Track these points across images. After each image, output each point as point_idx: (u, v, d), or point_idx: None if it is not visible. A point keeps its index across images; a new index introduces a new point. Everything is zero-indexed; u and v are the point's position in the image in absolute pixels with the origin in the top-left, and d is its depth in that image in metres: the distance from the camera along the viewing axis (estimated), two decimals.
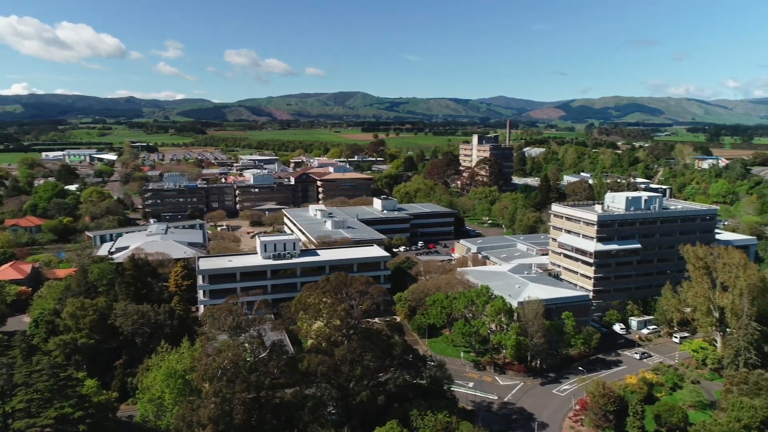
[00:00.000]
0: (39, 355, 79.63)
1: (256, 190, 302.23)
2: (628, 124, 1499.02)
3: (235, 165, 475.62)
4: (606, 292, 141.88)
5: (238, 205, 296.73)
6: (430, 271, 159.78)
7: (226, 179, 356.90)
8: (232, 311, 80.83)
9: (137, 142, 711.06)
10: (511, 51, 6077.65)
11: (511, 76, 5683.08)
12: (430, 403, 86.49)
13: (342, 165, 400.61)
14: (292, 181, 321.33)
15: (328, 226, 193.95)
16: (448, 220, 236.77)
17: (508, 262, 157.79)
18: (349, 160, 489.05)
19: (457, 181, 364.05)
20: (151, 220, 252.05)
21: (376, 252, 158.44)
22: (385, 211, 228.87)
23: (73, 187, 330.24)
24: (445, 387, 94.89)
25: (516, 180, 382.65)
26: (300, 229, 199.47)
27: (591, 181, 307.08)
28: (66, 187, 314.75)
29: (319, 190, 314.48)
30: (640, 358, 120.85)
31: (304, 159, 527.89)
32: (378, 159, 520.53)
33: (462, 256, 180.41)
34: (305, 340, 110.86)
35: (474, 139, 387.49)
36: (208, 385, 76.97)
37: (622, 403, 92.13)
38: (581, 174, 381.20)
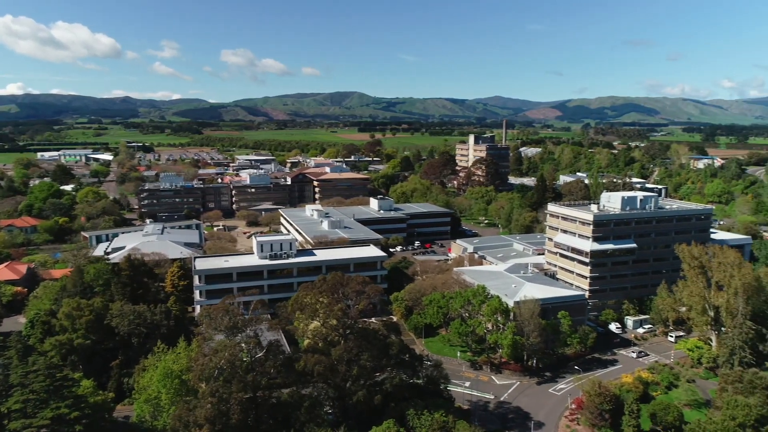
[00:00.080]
0: (35, 355, 79.38)
1: (253, 190, 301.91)
2: (624, 124, 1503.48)
3: (231, 165, 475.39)
4: (602, 291, 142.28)
5: (234, 206, 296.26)
6: (426, 270, 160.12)
7: (222, 179, 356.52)
8: (228, 311, 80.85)
9: (133, 142, 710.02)
10: (507, 51, 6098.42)
11: (507, 76, 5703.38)
12: (427, 403, 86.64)
13: (338, 165, 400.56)
14: (289, 181, 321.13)
15: (325, 226, 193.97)
16: (444, 220, 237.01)
17: (504, 261, 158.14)
18: (345, 160, 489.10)
19: (454, 181, 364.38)
20: (148, 221, 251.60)
21: (373, 252, 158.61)
22: (381, 211, 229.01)
23: (68, 187, 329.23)
24: (442, 386, 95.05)
25: (512, 180, 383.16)
26: (296, 229, 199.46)
27: (587, 180, 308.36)
28: (62, 187, 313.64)
29: (316, 190, 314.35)
30: (636, 357, 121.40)
31: (301, 159, 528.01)
32: (374, 159, 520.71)
33: (458, 255, 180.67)
34: (302, 340, 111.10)
35: (470, 139, 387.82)
36: (205, 385, 77.00)
37: (617, 402, 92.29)
38: (577, 174, 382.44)
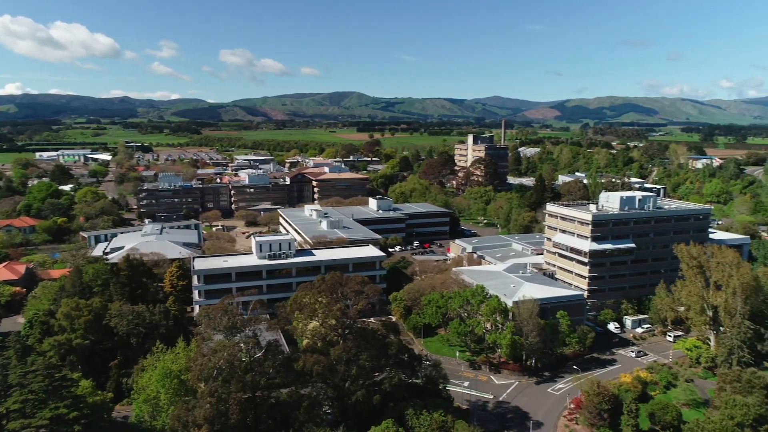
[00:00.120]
0: (33, 355, 79.34)
1: (252, 190, 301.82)
2: (623, 124, 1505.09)
3: (230, 165, 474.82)
4: (600, 291, 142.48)
5: (233, 206, 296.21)
6: (425, 270, 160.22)
7: (221, 179, 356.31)
8: (227, 311, 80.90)
9: (132, 143, 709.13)
10: (506, 51, 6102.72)
11: (506, 77, 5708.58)
12: (426, 403, 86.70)
13: (337, 165, 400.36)
14: (288, 181, 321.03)
15: (324, 226, 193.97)
16: (443, 220, 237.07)
17: (503, 261, 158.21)
18: (344, 160, 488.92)
19: (453, 181, 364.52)
20: (146, 221, 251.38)
21: (372, 252, 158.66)
22: (380, 211, 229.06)
23: (67, 187, 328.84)
24: (441, 386, 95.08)
25: (511, 180, 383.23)
26: (295, 229, 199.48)
27: (586, 180, 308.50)
28: (60, 187, 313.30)
29: (315, 190, 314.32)
30: (635, 356, 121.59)
31: (300, 159, 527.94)
32: (373, 159, 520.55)
33: (457, 255, 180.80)
34: (301, 340, 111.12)
35: (469, 139, 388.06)
36: (204, 385, 77.03)
37: (616, 402, 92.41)
38: (576, 174, 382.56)
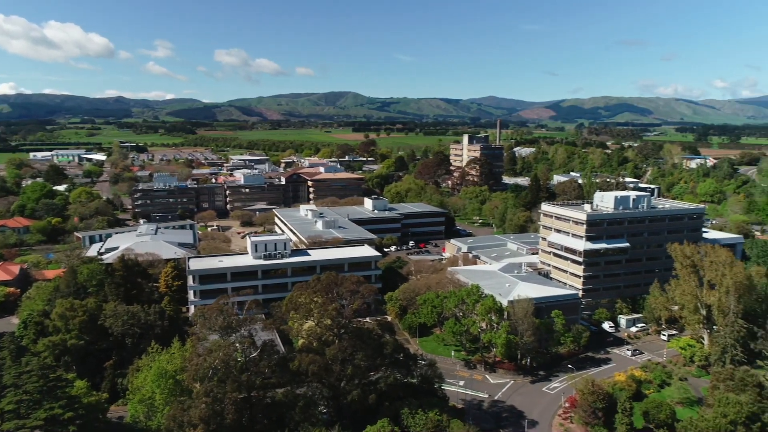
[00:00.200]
0: (28, 356, 79.09)
1: (247, 191, 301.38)
2: (618, 124, 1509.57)
3: (225, 165, 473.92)
4: (595, 290, 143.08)
5: (228, 206, 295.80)
6: (420, 270, 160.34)
7: (216, 179, 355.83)
8: (223, 311, 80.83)
9: (126, 143, 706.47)
10: (502, 51, 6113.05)
11: (501, 77, 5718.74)
12: (421, 402, 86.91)
13: (333, 165, 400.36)
14: (283, 181, 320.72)
15: (319, 226, 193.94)
16: (438, 220, 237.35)
17: (498, 261, 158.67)
18: (340, 160, 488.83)
19: (448, 181, 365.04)
20: (141, 221, 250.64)
21: (367, 252, 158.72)
22: (376, 211, 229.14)
23: (61, 187, 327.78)
24: (436, 385, 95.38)
25: (506, 180, 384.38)
26: (291, 229, 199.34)
27: (580, 180, 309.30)
28: (54, 187, 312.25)
29: (310, 190, 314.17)
30: (632, 354, 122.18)
31: (295, 159, 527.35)
32: (369, 159, 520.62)
33: (453, 255, 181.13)
34: (296, 340, 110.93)
35: (464, 139, 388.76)
36: (199, 385, 76.98)
37: (610, 400, 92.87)
38: (571, 174, 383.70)
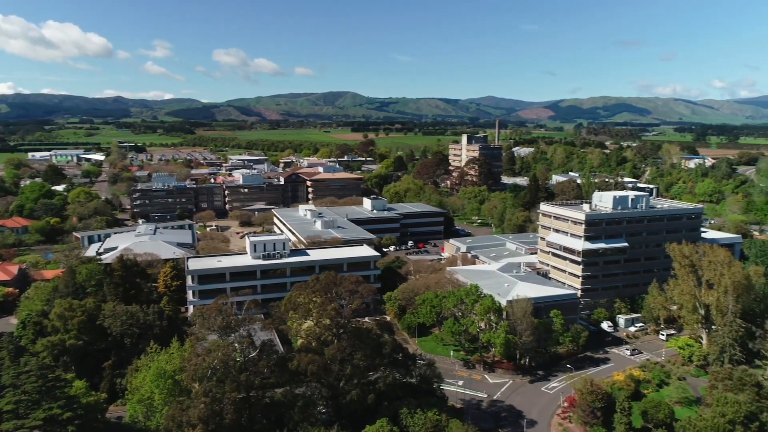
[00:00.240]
0: (27, 356, 78.98)
1: (246, 191, 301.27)
2: (616, 123, 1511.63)
3: (224, 165, 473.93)
4: (594, 290, 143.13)
5: (227, 206, 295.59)
6: (419, 270, 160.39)
7: (215, 179, 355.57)
8: (221, 311, 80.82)
9: (125, 143, 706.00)
10: (501, 51, 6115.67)
11: (500, 77, 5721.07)
12: (420, 402, 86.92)
13: (332, 165, 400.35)
14: (282, 181, 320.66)
15: (318, 226, 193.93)
16: (437, 220, 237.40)
17: (497, 261, 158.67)
18: (338, 160, 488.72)
19: (447, 181, 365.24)
20: (140, 221, 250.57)
21: (366, 252, 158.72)
22: (374, 211, 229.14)
23: (60, 187, 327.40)
24: (435, 385, 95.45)
25: (505, 180, 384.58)
26: (290, 229, 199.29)
27: (579, 180, 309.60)
28: (53, 187, 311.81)
29: (309, 190, 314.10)
30: (630, 354, 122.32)
31: (294, 159, 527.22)
32: (368, 159, 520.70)
33: (451, 255, 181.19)
34: (295, 340, 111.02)
35: (463, 139, 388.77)
36: (198, 385, 76.94)
37: (609, 400, 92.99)
38: (570, 173, 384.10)
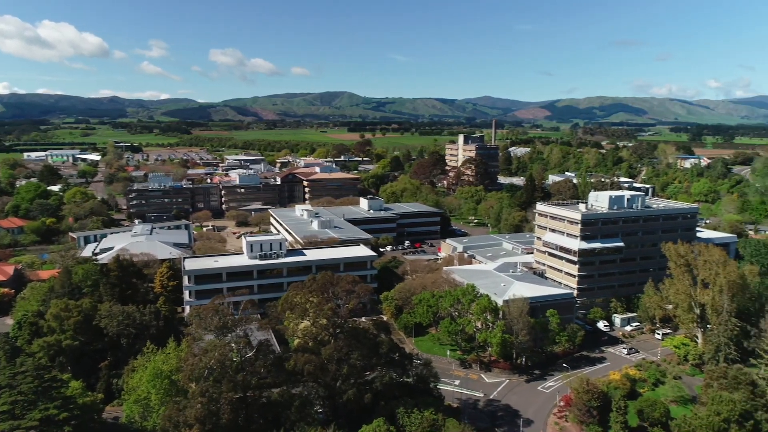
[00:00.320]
0: (23, 356, 78.85)
1: (242, 191, 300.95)
2: (613, 123, 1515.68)
3: (220, 165, 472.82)
4: (590, 289, 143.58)
5: (224, 206, 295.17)
6: (416, 270, 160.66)
7: (211, 179, 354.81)
8: (218, 311, 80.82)
9: (121, 143, 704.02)
10: (497, 51, 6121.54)
11: (497, 77, 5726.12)
12: (417, 401, 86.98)
13: (328, 165, 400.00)
14: (279, 181, 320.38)
15: (315, 226, 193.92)
16: (434, 220, 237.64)
17: (493, 260, 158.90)
18: (335, 160, 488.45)
19: (444, 181, 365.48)
20: (136, 221, 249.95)
21: (363, 251, 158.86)
22: (371, 211, 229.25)
23: (56, 187, 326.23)
24: (432, 385, 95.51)
25: (502, 179, 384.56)
26: (286, 229, 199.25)
27: (575, 180, 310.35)
28: (49, 187, 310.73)
29: (306, 190, 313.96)
30: (628, 353, 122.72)
31: (291, 159, 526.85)
32: (364, 159, 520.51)
33: (448, 255, 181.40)
34: (292, 340, 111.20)
35: (460, 139, 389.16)
36: (195, 385, 76.90)
37: (605, 399, 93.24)
38: (566, 173, 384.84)
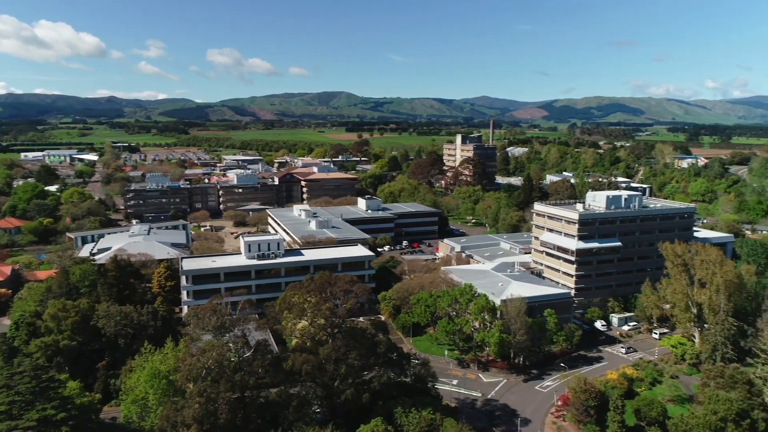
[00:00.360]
0: (20, 357, 78.75)
1: (240, 191, 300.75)
2: (610, 123, 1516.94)
3: (218, 165, 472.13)
4: (587, 289, 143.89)
5: (221, 206, 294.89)
6: (414, 270, 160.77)
7: (209, 179, 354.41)
8: (216, 311, 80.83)
9: (119, 143, 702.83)
10: (495, 51, 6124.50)
11: (494, 77, 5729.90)
12: (415, 401, 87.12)
13: (326, 165, 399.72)
14: (276, 181, 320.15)
15: (313, 226, 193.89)
16: (432, 220, 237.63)
17: (491, 260, 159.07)
18: (333, 160, 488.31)
19: (441, 181, 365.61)
20: (134, 221, 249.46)
21: (361, 251, 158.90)
22: (369, 211, 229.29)
23: (53, 187, 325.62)
24: (429, 384, 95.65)
25: (499, 179, 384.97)
26: (284, 229, 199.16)
27: (573, 180, 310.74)
28: (46, 188, 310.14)
29: (304, 190, 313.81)
30: (625, 353, 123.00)
31: (288, 159, 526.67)
32: (362, 159, 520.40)
33: (446, 255, 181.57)
34: (290, 340, 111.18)
35: (458, 138, 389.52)
36: (193, 385, 76.87)
37: (603, 398, 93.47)
38: (563, 173, 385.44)
